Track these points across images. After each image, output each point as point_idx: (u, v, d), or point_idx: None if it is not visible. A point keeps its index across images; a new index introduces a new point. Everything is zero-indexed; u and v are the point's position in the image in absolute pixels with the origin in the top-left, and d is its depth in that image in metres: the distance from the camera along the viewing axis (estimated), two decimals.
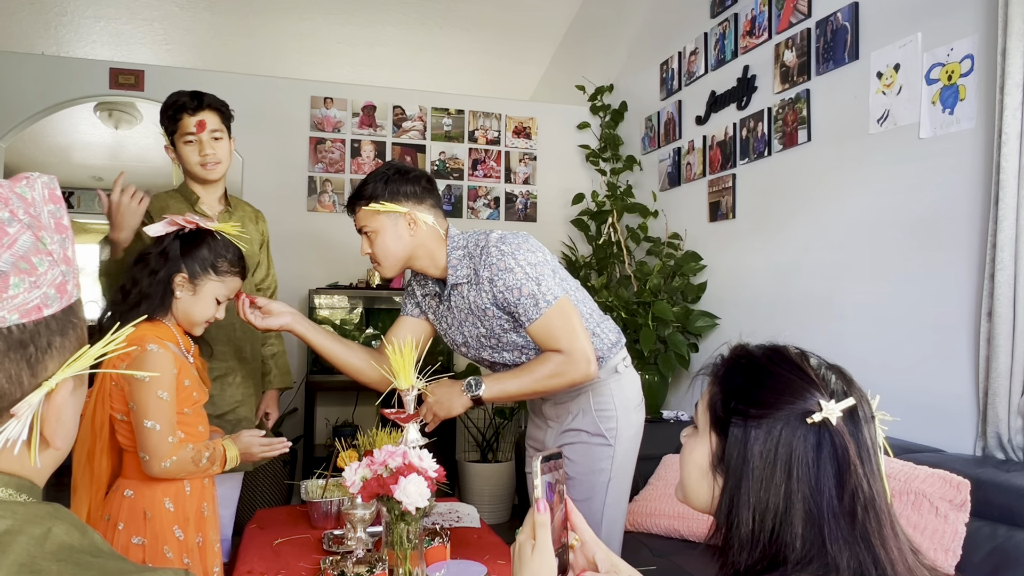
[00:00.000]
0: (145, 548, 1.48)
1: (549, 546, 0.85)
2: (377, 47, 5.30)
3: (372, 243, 1.76)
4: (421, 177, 1.77)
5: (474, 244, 1.76)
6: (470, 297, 1.76)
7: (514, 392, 1.74)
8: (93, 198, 7.56)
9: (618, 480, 1.85)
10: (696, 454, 0.87)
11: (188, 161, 2.11)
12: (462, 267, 1.75)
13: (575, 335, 1.68)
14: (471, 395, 1.70)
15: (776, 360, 0.84)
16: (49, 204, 0.63)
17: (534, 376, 1.70)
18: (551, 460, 0.90)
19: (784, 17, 2.91)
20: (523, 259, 1.69)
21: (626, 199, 3.98)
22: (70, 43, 4.97)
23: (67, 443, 0.65)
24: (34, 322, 0.59)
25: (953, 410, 2.14)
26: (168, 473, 1.49)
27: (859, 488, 0.77)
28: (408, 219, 1.73)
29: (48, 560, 0.54)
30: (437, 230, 1.77)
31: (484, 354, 1.86)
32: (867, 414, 0.82)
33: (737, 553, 0.79)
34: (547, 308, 1.68)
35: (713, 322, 3.30)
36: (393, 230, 1.74)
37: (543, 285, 1.69)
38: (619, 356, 1.88)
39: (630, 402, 1.87)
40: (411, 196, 1.74)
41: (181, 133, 2.09)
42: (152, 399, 1.47)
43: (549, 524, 0.86)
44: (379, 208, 1.72)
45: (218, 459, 1.59)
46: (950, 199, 2.18)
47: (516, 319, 1.73)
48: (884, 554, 0.76)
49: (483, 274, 1.72)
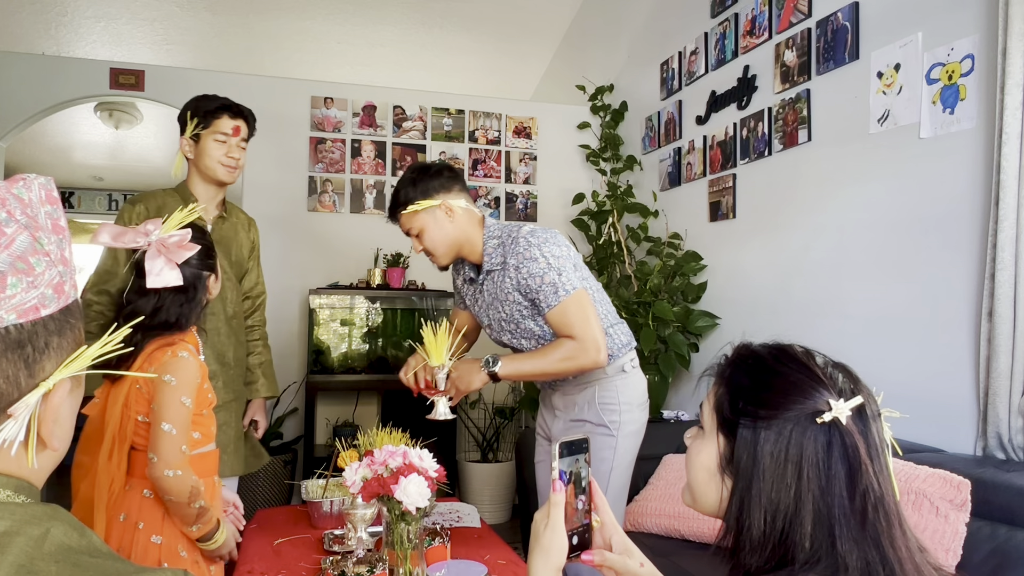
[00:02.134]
0: (162, 548, 1.48)
1: (561, 524, 0.90)
2: (377, 47, 5.30)
3: (421, 240, 1.93)
4: (442, 168, 1.94)
5: (507, 234, 1.91)
6: (497, 282, 1.92)
7: (528, 371, 1.88)
8: (93, 198, 7.57)
9: (619, 472, 1.95)
10: (703, 456, 0.86)
11: (211, 157, 2.15)
12: (496, 255, 1.91)
13: (588, 324, 1.81)
14: (488, 371, 1.83)
15: (783, 359, 0.84)
16: (46, 205, 0.63)
17: (547, 359, 1.83)
18: (572, 445, 0.94)
19: (784, 17, 2.91)
20: (548, 252, 1.84)
21: (626, 199, 3.98)
22: (70, 43, 4.97)
23: (64, 444, 0.65)
24: (31, 322, 0.59)
25: (953, 410, 2.14)
26: (168, 483, 1.44)
27: (870, 487, 0.76)
28: (444, 208, 1.89)
29: (46, 561, 0.54)
30: (472, 212, 1.94)
31: (504, 338, 2.00)
32: (874, 411, 0.81)
33: (748, 555, 0.79)
34: (565, 297, 1.81)
35: (713, 322, 3.30)
36: (434, 223, 1.90)
37: (563, 276, 1.82)
38: (627, 357, 1.99)
39: (634, 400, 1.97)
40: (439, 188, 1.90)
41: (215, 130, 2.14)
42: (175, 404, 1.48)
43: (563, 504, 0.90)
44: (416, 208, 1.89)
45: (207, 522, 1.51)
46: (950, 199, 2.17)
47: (536, 306, 1.86)
48: (892, 553, 0.75)
49: (510, 262, 1.87)
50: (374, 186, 4.19)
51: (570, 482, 0.93)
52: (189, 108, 2.18)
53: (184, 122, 2.18)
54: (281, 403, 3.89)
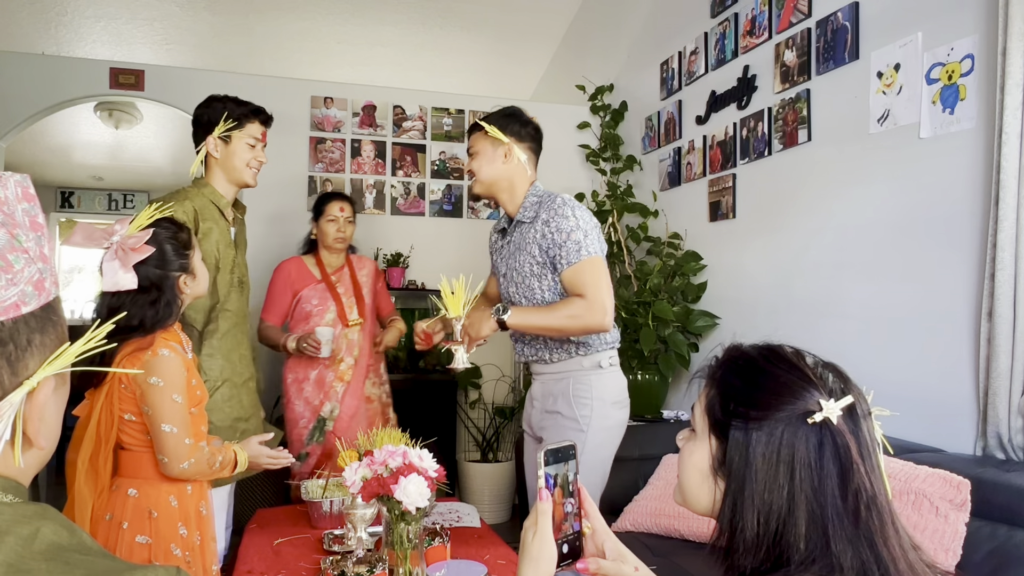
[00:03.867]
0: (151, 547, 1.48)
1: (549, 532, 0.90)
2: (377, 47, 5.29)
3: (473, 160, 2.09)
4: (530, 124, 2.10)
5: (548, 196, 2.05)
6: (524, 233, 2.04)
7: (535, 324, 1.94)
8: (93, 198, 7.56)
9: (589, 467, 1.96)
10: (695, 458, 0.86)
11: (240, 158, 2.18)
12: (531, 210, 2.04)
13: (599, 287, 1.91)
14: (497, 318, 1.90)
15: (773, 360, 0.83)
16: (23, 202, 0.62)
17: (556, 313, 1.91)
18: (557, 452, 0.93)
19: (784, 17, 2.91)
20: (580, 214, 1.97)
21: (626, 199, 3.98)
22: (70, 43, 4.96)
23: (51, 442, 0.64)
24: (12, 320, 0.59)
25: (953, 410, 2.14)
26: (186, 474, 1.53)
27: (861, 486, 0.76)
28: (505, 150, 2.05)
29: (37, 560, 0.54)
30: (526, 169, 2.08)
31: (511, 288, 2.10)
32: (864, 411, 0.81)
33: (742, 556, 0.79)
34: (586, 257, 1.92)
35: (713, 322, 3.30)
36: (492, 154, 2.06)
37: (588, 239, 1.94)
38: (607, 353, 2.04)
39: (607, 396, 2.02)
40: (515, 134, 2.06)
41: (247, 133, 2.18)
42: (168, 403, 1.49)
43: (549, 512, 0.90)
44: (488, 132, 2.05)
45: (228, 463, 1.62)
46: (950, 199, 2.17)
47: (552, 264, 1.97)
48: (886, 552, 0.75)
49: (542, 216, 1.99)
50: (374, 186, 4.19)
51: (557, 487, 0.92)
52: (223, 108, 2.16)
53: (209, 121, 2.16)
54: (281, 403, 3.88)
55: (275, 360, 3.54)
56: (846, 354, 2.52)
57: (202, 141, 2.18)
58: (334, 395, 2.85)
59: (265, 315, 2.94)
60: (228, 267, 2.15)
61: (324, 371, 2.86)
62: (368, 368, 2.93)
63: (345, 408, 2.85)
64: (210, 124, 2.16)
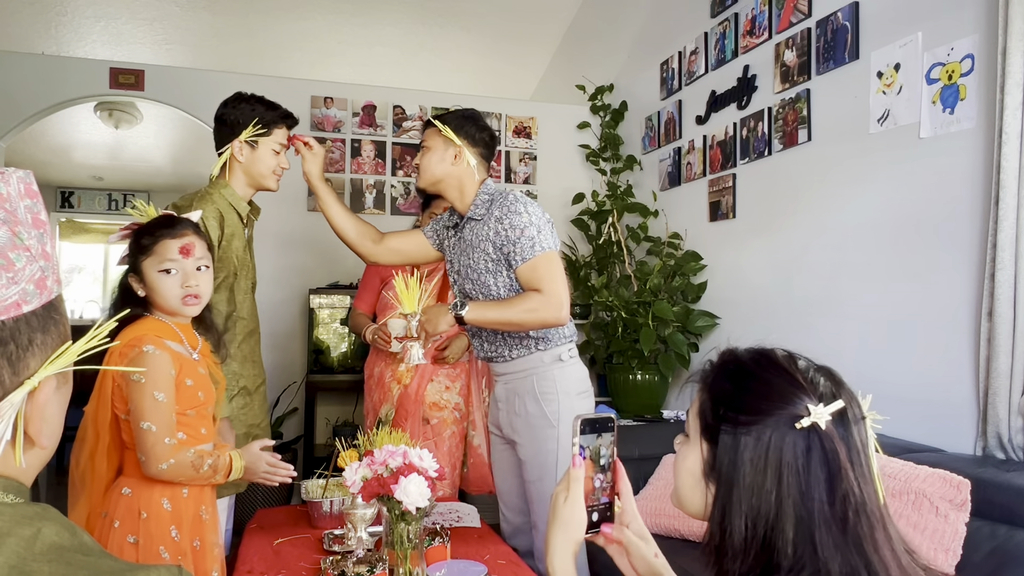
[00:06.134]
0: (139, 547, 1.46)
1: (581, 499, 0.92)
2: (377, 47, 5.29)
3: (422, 156, 2.09)
4: (487, 130, 2.09)
5: (499, 193, 2.04)
6: (476, 231, 2.02)
7: (492, 319, 1.94)
8: (93, 198, 7.56)
9: (563, 462, 1.96)
10: (688, 462, 0.87)
11: (266, 165, 2.12)
12: (483, 206, 2.03)
13: (555, 281, 1.92)
14: (455, 313, 1.91)
15: (764, 365, 0.84)
16: (25, 199, 0.61)
17: (513, 308, 1.91)
18: (595, 423, 0.95)
19: (784, 17, 2.91)
20: (532, 211, 1.97)
21: (626, 199, 3.98)
22: (70, 43, 4.96)
23: (52, 442, 0.63)
24: (13, 319, 0.58)
25: (953, 410, 2.14)
26: (165, 475, 1.47)
27: (850, 492, 0.76)
28: (456, 151, 2.03)
29: (38, 561, 0.54)
30: (474, 172, 2.06)
31: (467, 286, 2.08)
32: (857, 415, 0.81)
33: (731, 561, 0.79)
34: (540, 253, 1.92)
35: (713, 322, 3.30)
36: (442, 153, 2.05)
37: (542, 234, 1.94)
38: (565, 347, 2.06)
39: (572, 389, 2.04)
40: (469, 137, 2.05)
41: (275, 139, 2.13)
42: (148, 400, 1.46)
43: (582, 479, 0.92)
44: (440, 131, 2.04)
45: (222, 468, 1.54)
46: (950, 199, 2.17)
47: (507, 261, 1.96)
48: (877, 558, 0.75)
49: (494, 212, 1.98)
50: (374, 186, 4.19)
51: (588, 459, 0.94)
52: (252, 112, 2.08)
53: (236, 123, 2.08)
54: (281, 403, 3.89)
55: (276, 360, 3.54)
56: (846, 353, 2.53)
57: (226, 142, 2.09)
58: (390, 397, 2.70)
59: (357, 303, 2.92)
60: (245, 273, 2.10)
61: (384, 369, 2.73)
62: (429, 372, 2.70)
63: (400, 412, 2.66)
64: (236, 126, 2.07)
